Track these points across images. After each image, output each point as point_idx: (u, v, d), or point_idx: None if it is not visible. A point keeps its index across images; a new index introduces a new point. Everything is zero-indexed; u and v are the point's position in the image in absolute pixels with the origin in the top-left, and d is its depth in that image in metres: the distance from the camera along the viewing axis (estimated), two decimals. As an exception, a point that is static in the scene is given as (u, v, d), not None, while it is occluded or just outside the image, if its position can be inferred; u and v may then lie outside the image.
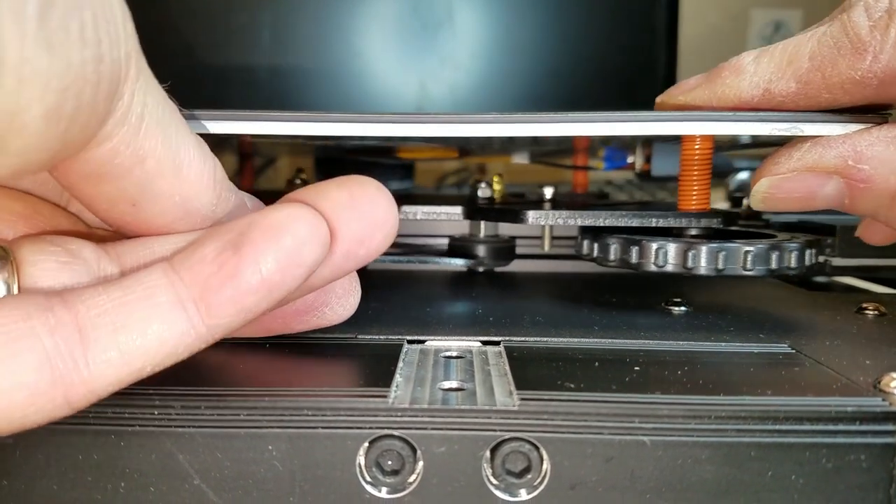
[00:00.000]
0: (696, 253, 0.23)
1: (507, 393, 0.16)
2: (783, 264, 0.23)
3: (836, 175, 0.19)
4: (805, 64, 0.20)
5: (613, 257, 0.24)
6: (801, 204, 0.20)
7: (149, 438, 0.15)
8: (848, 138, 0.19)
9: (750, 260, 0.22)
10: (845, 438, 0.15)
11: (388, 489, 0.15)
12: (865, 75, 0.19)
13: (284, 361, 0.18)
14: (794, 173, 0.20)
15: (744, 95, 0.21)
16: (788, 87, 0.20)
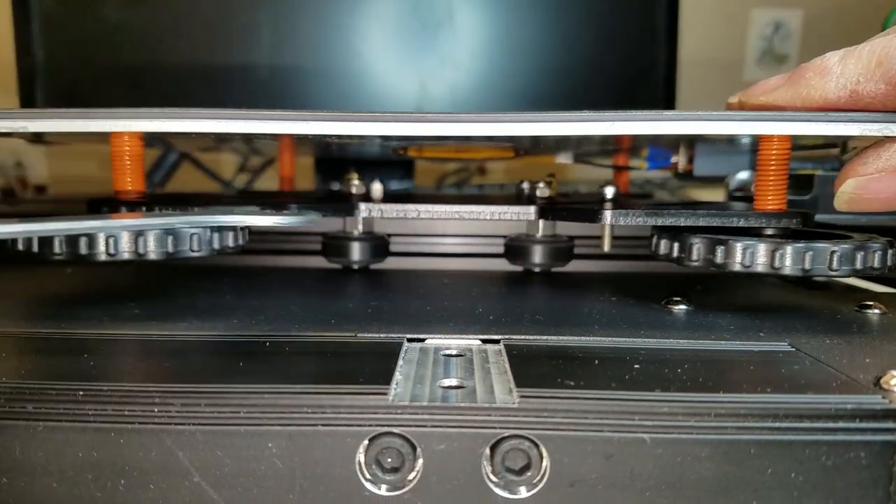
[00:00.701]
0: (782, 253, 0.22)
1: (507, 390, 0.16)
2: (867, 264, 0.23)
3: None
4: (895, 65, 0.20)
5: (696, 257, 0.24)
6: (888, 204, 0.20)
7: (149, 436, 0.15)
8: None
9: (836, 260, 0.22)
10: (845, 436, 0.15)
11: (387, 486, 0.15)
12: None
13: (284, 359, 0.18)
14: (882, 174, 0.20)
15: (830, 96, 0.21)
16: (878, 89, 0.20)
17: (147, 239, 0.22)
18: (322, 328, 0.21)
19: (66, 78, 0.54)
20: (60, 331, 0.20)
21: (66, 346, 0.19)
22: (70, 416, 0.15)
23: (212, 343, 0.20)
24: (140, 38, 0.54)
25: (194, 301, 0.25)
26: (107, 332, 0.20)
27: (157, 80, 0.54)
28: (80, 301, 0.25)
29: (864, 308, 0.25)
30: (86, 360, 0.18)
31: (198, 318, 0.22)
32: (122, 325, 0.21)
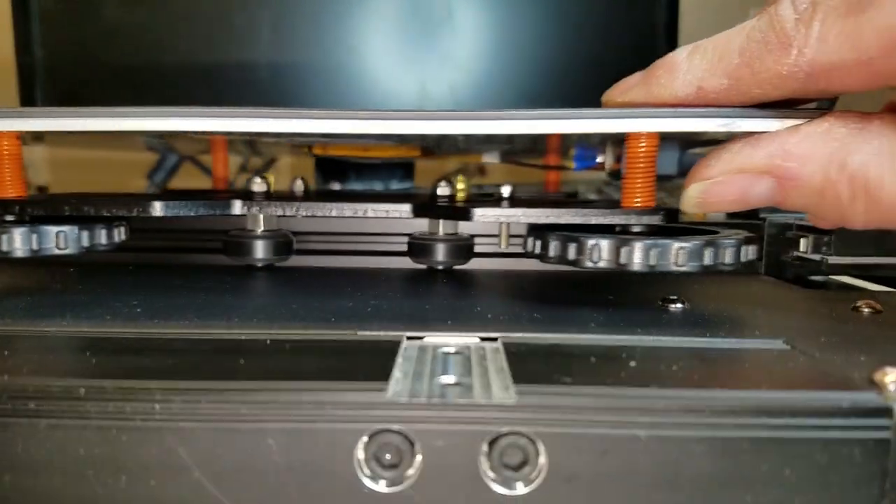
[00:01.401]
0: (629, 249, 0.23)
1: (505, 387, 0.16)
2: (718, 260, 0.23)
3: (767, 174, 0.19)
4: (735, 60, 0.19)
5: (553, 254, 0.24)
6: (735, 205, 0.20)
7: (150, 433, 0.15)
8: (776, 136, 0.19)
9: (682, 256, 0.23)
10: (840, 433, 0.15)
11: (386, 482, 0.15)
12: (792, 70, 0.18)
13: (284, 356, 0.18)
14: (724, 176, 0.20)
15: (678, 94, 0.21)
16: (720, 84, 0.20)
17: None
18: (321, 325, 0.21)
19: (65, 77, 0.54)
20: (62, 329, 0.21)
21: (68, 344, 0.19)
22: (72, 414, 0.15)
23: (212, 340, 0.20)
24: (140, 38, 0.54)
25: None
26: (109, 329, 0.21)
27: (157, 80, 0.54)
28: (80, 299, 0.25)
29: (859, 307, 0.25)
30: (87, 357, 0.18)
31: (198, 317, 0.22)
32: (124, 323, 0.21)
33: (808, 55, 0.18)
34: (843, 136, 0.18)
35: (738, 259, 0.23)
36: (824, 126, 0.19)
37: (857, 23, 0.17)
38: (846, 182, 0.18)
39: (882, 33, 0.17)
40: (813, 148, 0.19)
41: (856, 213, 0.18)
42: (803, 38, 0.18)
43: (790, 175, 0.19)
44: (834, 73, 0.18)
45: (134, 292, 0.27)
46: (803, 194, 0.19)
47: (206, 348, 0.19)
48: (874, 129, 0.18)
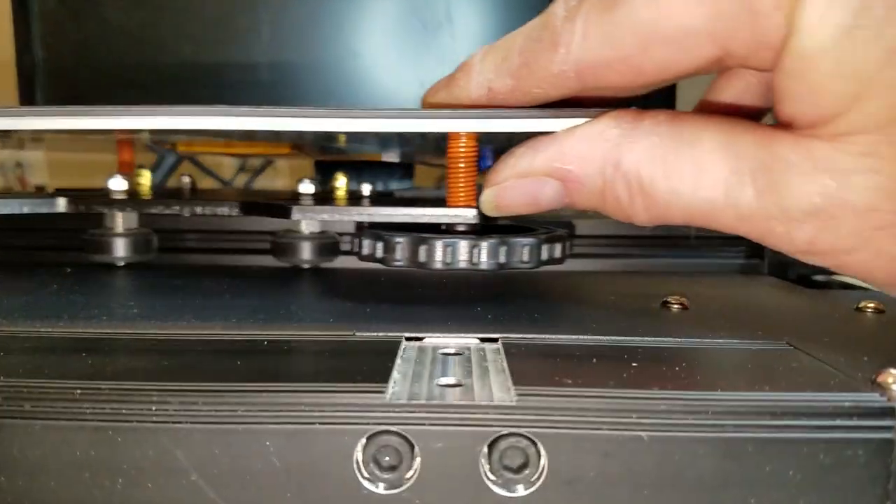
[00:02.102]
0: (428, 248, 0.23)
1: (505, 389, 0.16)
2: (514, 258, 0.23)
3: (550, 177, 0.19)
4: (516, 60, 0.19)
5: (366, 252, 0.24)
6: (529, 208, 0.20)
7: (146, 434, 0.15)
8: (555, 140, 0.19)
9: (476, 255, 0.23)
10: (843, 434, 0.15)
11: (385, 485, 0.15)
12: (562, 69, 0.18)
13: (282, 358, 0.18)
14: (511, 181, 0.20)
15: (472, 95, 0.20)
16: (506, 85, 0.20)
17: None
18: (320, 326, 0.21)
19: (66, 78, 0.54)
20: (58, 329, 0.20)
21: (64, 345, 0.19)
22: (68, 415, 0.15)
23: (209, 341, 0.20)
24: (140, 38, 0.54)
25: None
26: (104, 330, 0.20)
27: (158, 80, 0.54)
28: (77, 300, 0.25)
29: (862, 306, 0.25)
30: (83, 358, 0.18)
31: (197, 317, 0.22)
32: (120, 324, 0.21)
33: (574, 53, 0.18)
34: (616, 137, 0.18)
35: (536, 257, 0.23)
36: (598, 127, 0.18)
37: (612, 19, 0.17)
38: (622, 182, 0.18)
39: (635, 29, 0.17)
40: (588, 149, 0.18)
41: (637, 212, 0.18)
42: (569, 35, 0.18)
43: (571, 178, 0.19)
44: (599, 71, 0.18)
45: (131, 293, 0.26)
46: (587, 196, 0.19)
47: (203, 349, 0.19)
48: (645, 128, 0.18)
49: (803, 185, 0.16)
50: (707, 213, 0.17)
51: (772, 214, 0.16)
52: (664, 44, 0.17)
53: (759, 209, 0.16)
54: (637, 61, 0.17)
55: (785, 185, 0.16)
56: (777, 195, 0.16)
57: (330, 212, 0.26)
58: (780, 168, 0.16)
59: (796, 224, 0.16)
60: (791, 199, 0.16)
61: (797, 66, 0.15)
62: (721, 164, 0.17)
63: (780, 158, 0.16)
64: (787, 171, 0.16)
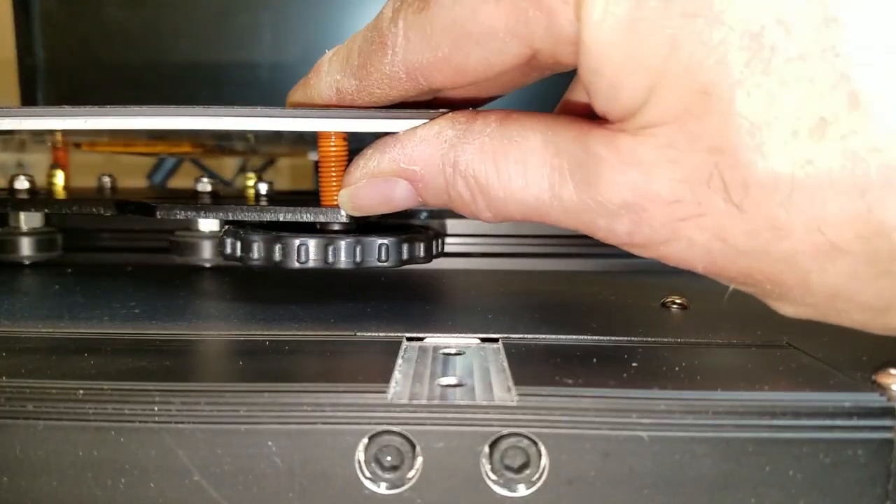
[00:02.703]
0: (283, 247, 0.23)
1: (506, 389, 0.16)
2: (370, 257, 0.23)
3: (398, 178, 0.19)
4: (356, 60, 0.19)
5: (228, 252, 0.24)
6: (385, 207, 0.20)
7: (149, 435, 0.15)
8: (398, 141, 0.19)
9: (332, 254, 0.23)
10: (843, 434, 0.15)
11: (387, 485, 0.15)
12: (392, 69, 0.18)
13: (284, 358, 0.18)
14: (363, 182, 0.20)
15: (323, 95, 0.20)
16: (351, 85, 0.20)
17: None
18: (321, 326, 0.21)
19: (67, 78, 0.54)
20: (60, 330, 0.21)
21: (67, 346, 0.19)
22: (70, 415, 0.15)
23: (212, 342, 0.20)
24: (141, 38, 0.54)
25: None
26: (106, 331, 0.20)
27: (158, 80, 0.54)
28: (79, 300, 0.25)
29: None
30: (85, 358, 0.18)
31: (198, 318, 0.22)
32: (122, 324, 0.21)
33: (400, 55, 0.18)
34: (451, 138, 0.18)
35: (396, 256, 0.23)
36: (435, 128, 0.18)
37: (426, 20, 0.17)
38: (461, 182, 0.18)
39: (446, 29, 0.17)
40: (428, 150, 0.18)
41: (480, 210, 0.18)
42: (394, 37, 0.18)
43: (416, 178, 0.19)
44: (426, 72, 0.18)
45: (132, 293, 0.26)
46: (434, 195, 0.19)
47: (204, 349, 0.19)
48: (476, 128, 0.18)
49: (614, 178, 0.16)
50: (538, 209, 0.17)
51: (591, 208, 0.16)
52: (475, 44, 0.17)
53: (580, 203, 0.17)
54: (455, 62, 0.17)
55: (598, 180, 0.16)
56: (593, 189, 0.16)
57: (193, 211, 0.25)
58: (593, 163, 0.16)
59: (614, 218, 0.16)
60: (604, 193, 0.16)
61: (593, 62, 0.16)
62: (544, 161, 0.17)
63: (592, 153, 0.16)
64: (599, 165, 0.16)
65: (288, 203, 0.24)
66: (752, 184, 0.14)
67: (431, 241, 0.25)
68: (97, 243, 0.37)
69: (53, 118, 0.21)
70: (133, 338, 0.20)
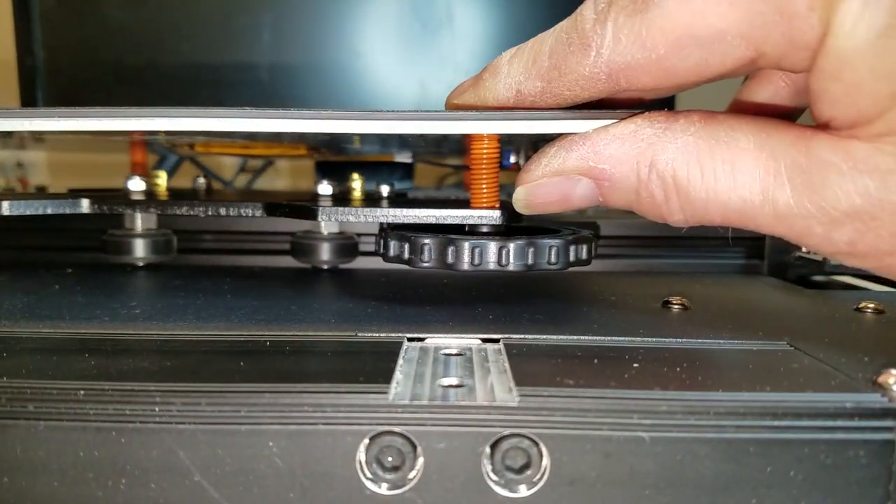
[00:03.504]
0: (455, 249, 0.23)
1: (507, 389, 0.16)
2: (541, 259, 0.23)
3: (583, 176, 0.19)
4: (546, 62, 0.19)
5: (393, 253, 0.24)
6: (561, 206, 0.20)
7: (150, 435, 0.15)
8: (587, 139, 0.19)
9: (504, 256, 0.23)
10: (844, 434, 0.15)
11: (388, 485, 0.15)
12: (593, 71, 0.18)
13: (285, 358, 0.18)
14: (544, 179, 0.20)
15: (500, 97, 0.20)
16: (535, 87, 0.20)
17: None
18: (322, 327, 0.21)
19: (67, 78, 0.54)
20: (61, 330, 0.21)
21: (68, 346, 0.19)
22: (71, 416, 0.15)
23: (212, 342, 0.20)
24: (141, 39, 0.54)
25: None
26: (107, 331, 0.20)
27: (158, 81, 0.54)
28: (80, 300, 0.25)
29: (862, 307, 0.25)
30: (86, 359, 0.18)
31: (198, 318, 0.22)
32: (123, 325, 0.21)
33: (605, 56, 0.18)
34: (650, 136, 0.18)
35: (565, 258, 0.23)
36: (632, 127, 0.18)
37: (643, 22, 0.17)
38: (657, 182, 0.18)
39: (667, 31, 0.17)
40: (622, 149, 0.18)
41: (672, 212, 0.18)
42: (600, 38, 0.18)
43: (604, 176, 0.19)
44: (631, 73, 0.18)
45: (132, 293, 0.26)
46: (621, 194, 0.19)
47: (205, 350, 0.19)
48: (679, 128, 0.18)
49: (843, 185, 0.16)
50: (744, 212, 0.17)
51: (810, 214, 0.16)
52: (697, 46, 0.17)
53: (798, 209, 0.16)
54: (669, 63, 0.17)
55: (823, 185, 0.16)
56: (816, 195, 0.16)
57: (355, 213, 0.26)
58: (817, 168, 0.16)
59: (836, 225, 0.16)
60: (830, 199, 0.16)
61: (834, 68, 0.15)
62: (757, 163, 0.17)
63: (817, 158, 0.16)
64: (826, 170, 0.16)
65: (428, 206, 0.25)
66: None
67: (593, 243, 0.24)
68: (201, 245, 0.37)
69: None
70: (134, 338, 0.20)
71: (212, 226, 0.37)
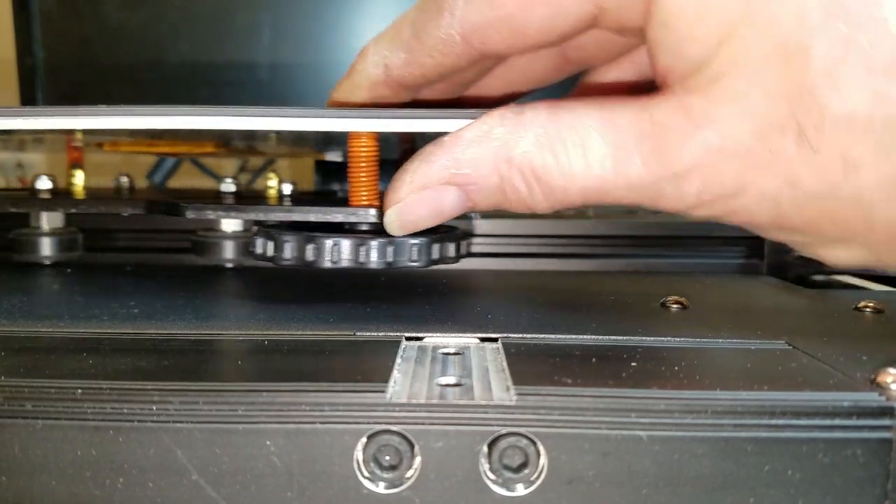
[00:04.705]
0: (316, 247, 0.23)
1: (505, 388, 0.16)
2: (402, 257, 0.23)
3: (448, 185, 0.19)
4: (407, 32, 0.20)
5: (259, 251, 0.24)
6: (434, 219, 0.20)
7: (147, 434, 0.15)
8: (444, 147, 0.19)
9: (364, 254, 0.22)
10: (842, 433, 0.15)
11: (385, 484, 0.15)
12: (448, 32, 0.19)
13: (282, 357, 0.18)
14: (412, 196, 0.20)
15: (371, 77, 0.21)
16: (399, 58, 0.20)
17: None
18: (320, 326, 0.21)
19: (66, 78, 0.54)
20: (59, 329, 0.21)
21: (65, 345, 0.19)
22: (68, 415, 0.15)
23: (210, 341, 0.20)
24: (141, 38, 0.54)
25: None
26: (105, 330, 0.20)
27: (158, 80, 0.54)
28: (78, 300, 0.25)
29: (861, 306, 0.25)
30: (84, 357, 0.18)
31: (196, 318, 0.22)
32: (120, 324, 0.21)
33: (458, 16, 0.19)
34: (502, 135, 0.18)
35: (426, 256, 0.23)
36: (484, 128, 0.19)
37: None
38: (518, 176, 0.18)
39: None
40: (479, 151, 0.19)
41: (537, 202, 0.19)
42: (453, 0, 0.19)
43: (469, 181, 0.19)
44: (483, 34, 0.19)
45: (131, 293, 0.26)
46: (487, 196, 0.19)
47: (203, 349, 0.19)
48: (527, 121, 0.18)
49: (686, 143, 0.16)
50: (601, 189, 0.18)
51: (660, 178, 0.17)
52: (542, 3, 0.18)
53: (648, 176, 0.17)
54: (518, 22, 0.18)
55: (668, 149, 0.17)
56: (662, 158, 0.17)
57: (222, 210, 0.25)
58: (661, 133, 0.17)
59: (683, 181, 0.17)
60: (676, 159, 0.17)
61: (664, 16, 0.16)
62: (605, 140, 0.17)
63: (660, 124, 0.17)
64: (669, 134, 0.17)
65: (313, 203, 0.24)
66: (828, 123, 0.15)
67: (460, 241, 0.25)
68: (116, 243, 0.37)
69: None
70: (132, 337, 0.20)
71: (131, 225, 0.37)
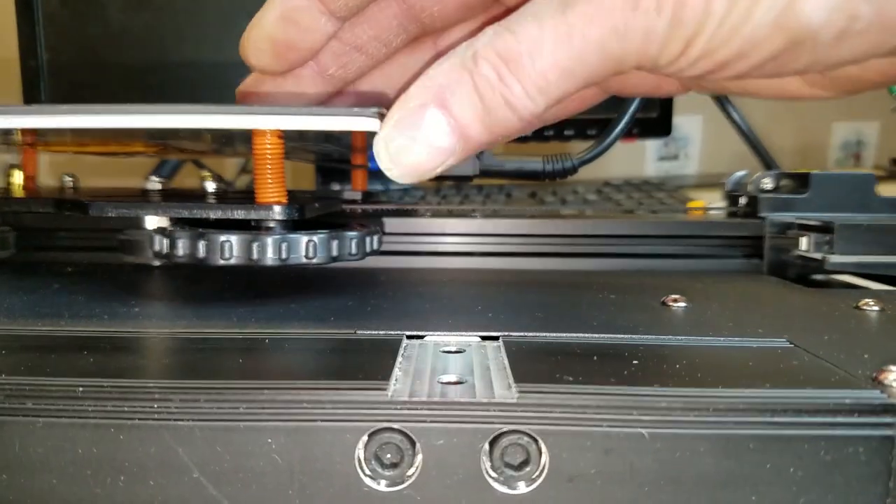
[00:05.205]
0: (207, 244, 0.22)
1: (506, 386, 0.16)
2: (296, 254, 0.23)
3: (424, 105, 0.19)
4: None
5: (157, 249, 0.24)
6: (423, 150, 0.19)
7: (148, 432, 0.15)
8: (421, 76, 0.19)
9: (256, 251, 0.22)
10: (844, 431, 0.15)
11: (387, 482, 0.15)
12: None
13: (284, 356, 0.18)
14: (390, 125, 0.19)
15: (268, 29, 0.24)
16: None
17: None
18: (321, 325, 0.21)
19: (69, 78, 0.54)
20: (60, 328, 0.21)
21: (66, 343, 0.19)
22: (69, 413, 0.15)
23: (211, 340, 0.20)
24: (143, 39, 0.54)
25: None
26: (106, 329, 0.20)
27: (161, 81, 0.54)
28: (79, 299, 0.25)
29: (861, 305, 0.25)
30: (85, 356, 0.18)
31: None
32: (122, 323, 0.21)
33: None
34: (465, 46, 0.19)
35: (327, 253, 0.23)
36: (449, 54, 0.19)
37: None
38: (484, 63, 0.18)
39: None
40: (447, 62, 0.19)
41: (515, 94, 0.19)
42: None
43: (443, 92, 0.19)
44: None
45: (132, 292, 0.26)
46: (463, 101, 0.19)
47: (204, 347, 0.19)
48: (484, 30, 0.19)
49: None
50: (574, 56, 0.18)
51: (632, 16, 0.18)
52: None
53: (622, 18, 0.18)
54: None
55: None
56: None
57: (124, 209, 0.25)
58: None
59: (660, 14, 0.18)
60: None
61: None
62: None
63: None
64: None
65: (236, 202, 0.24)
66: None
67: (364, 238, 0.24)
68: (53, 242, 0.36)
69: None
70: (133, 335, 0.20)
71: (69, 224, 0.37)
